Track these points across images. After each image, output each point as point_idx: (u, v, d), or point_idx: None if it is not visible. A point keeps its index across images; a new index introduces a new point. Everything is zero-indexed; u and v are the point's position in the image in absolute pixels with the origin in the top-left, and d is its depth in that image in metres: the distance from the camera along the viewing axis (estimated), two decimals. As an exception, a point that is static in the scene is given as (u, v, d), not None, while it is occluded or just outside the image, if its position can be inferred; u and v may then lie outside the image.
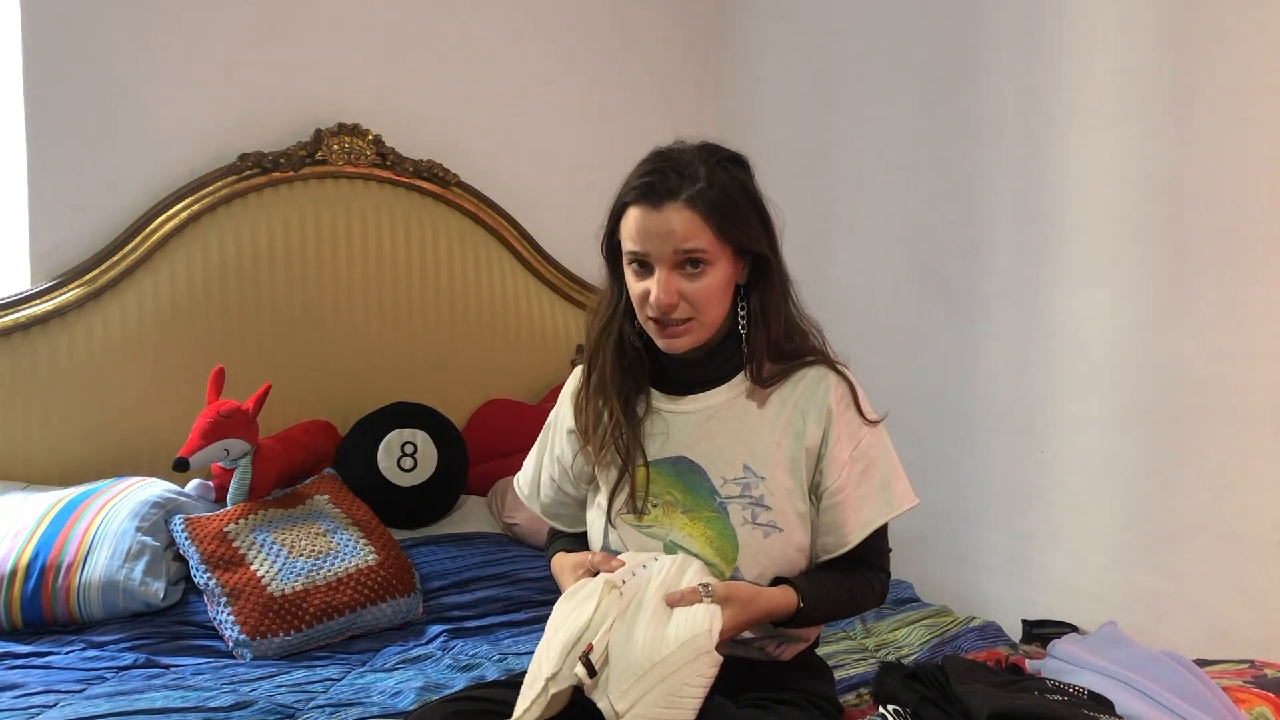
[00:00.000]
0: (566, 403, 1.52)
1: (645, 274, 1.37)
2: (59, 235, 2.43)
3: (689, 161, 1.37)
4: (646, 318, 1.39)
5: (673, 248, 1.34)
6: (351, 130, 2.67)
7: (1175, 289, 2.01)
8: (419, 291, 2.74)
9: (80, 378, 2.38)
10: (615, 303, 1.45)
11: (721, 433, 1.41)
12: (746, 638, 1.40)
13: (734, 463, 1.39)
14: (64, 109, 2.41)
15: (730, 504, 1.38)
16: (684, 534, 1.39)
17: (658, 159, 1.40)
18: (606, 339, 1.44)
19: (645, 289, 1.37)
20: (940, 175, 2.50)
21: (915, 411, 2.56)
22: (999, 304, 2.37)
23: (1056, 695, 1.46)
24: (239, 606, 1.98)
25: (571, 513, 1.55)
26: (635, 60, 3.09)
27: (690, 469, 1.40)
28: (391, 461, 2.43)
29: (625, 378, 1.43)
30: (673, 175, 1.35)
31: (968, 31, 2.41)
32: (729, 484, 1.38)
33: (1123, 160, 2.10)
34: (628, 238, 1.38)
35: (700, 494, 1.39)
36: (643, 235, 1.35)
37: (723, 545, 1.38)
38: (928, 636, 2.05)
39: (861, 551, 1.42)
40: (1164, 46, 2.02)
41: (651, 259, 1.36)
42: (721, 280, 1.37)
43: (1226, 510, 1.95)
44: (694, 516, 1.39)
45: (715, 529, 1.38)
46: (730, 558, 1.37)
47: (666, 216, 1.34)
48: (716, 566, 1.37)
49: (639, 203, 1.36)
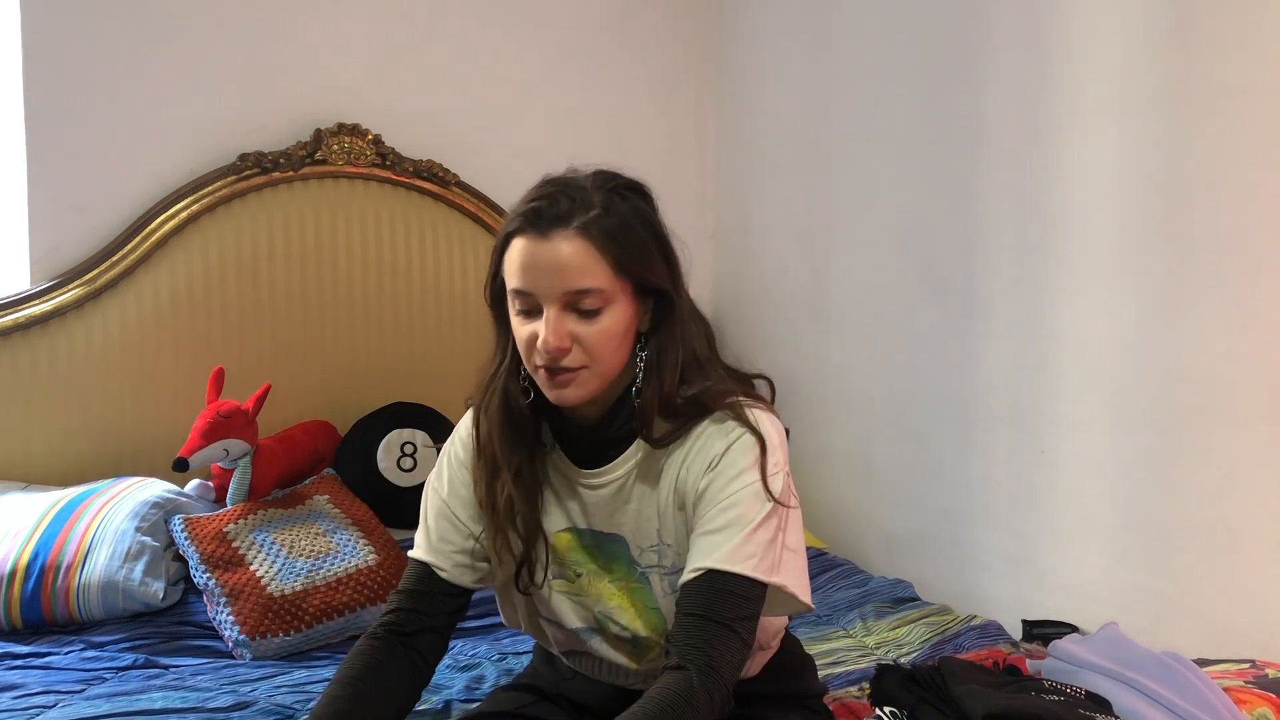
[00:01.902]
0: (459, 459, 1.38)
1: (533, 317, 1.21)
2: (59, 235, 2.43)
3: (582, 187, 1.23)
4: (534, 366, 1.22)
5: (564, 285, 1.18)
6: (351, 130, 2.67)
7: (1175, 289, 2.01)
8: (419, 291, 2.74)
9: (80, 378, 2.38)
10: (500, 359, 1.28)
11: (633, 502, 1.28)
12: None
13: (648, 531, 1.28)
14: (64, 109, 2.41)
15: (650, 573, 1.29)
16: (615, 604, 1.30)
17: (547, 184, 1.24)
18: (490, 400, 1.29)
19: (533, 332, 1.20)
20: (940, 175, 2.49)
21: (915, 411, 2.56)
22: (999, 304, 2.37)
23: (1053, 695, 1.46)
24: (239, 607, 1.98)
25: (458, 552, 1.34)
26: (635, 60, 3.09)
27: (610, 539, 1.30)
28: (391, 461, 2.43)
29: (515, 445, 1.28)
30: (563, 200, 1.20)
31: (968, 31, 2.41)
32: (646, 552, 1.28)
33: (1123, 160, 2.10)
34: (511, 273, 1.21)
35: (622, 562, 1.30)
36: (528, 269, 1.19)
37: (650, 617, 1.30)
38: (928, 635, 2.05)
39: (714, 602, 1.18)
40: (1164, 46, 2.02)
41: (539, 297, 1.19)
42: (620, 323, 1.21)
43: (1226, 510, 1.95)
44: (620, 586, 1.31)
45: (642, 600, 1.30)
46: (660, 629, 1.30)
47: (555, 247, 1.18)
48: (651, 638, 1.31)
49: (524, 231, 1.20)
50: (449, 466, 1.40)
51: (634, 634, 1.31)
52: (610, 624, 1.31)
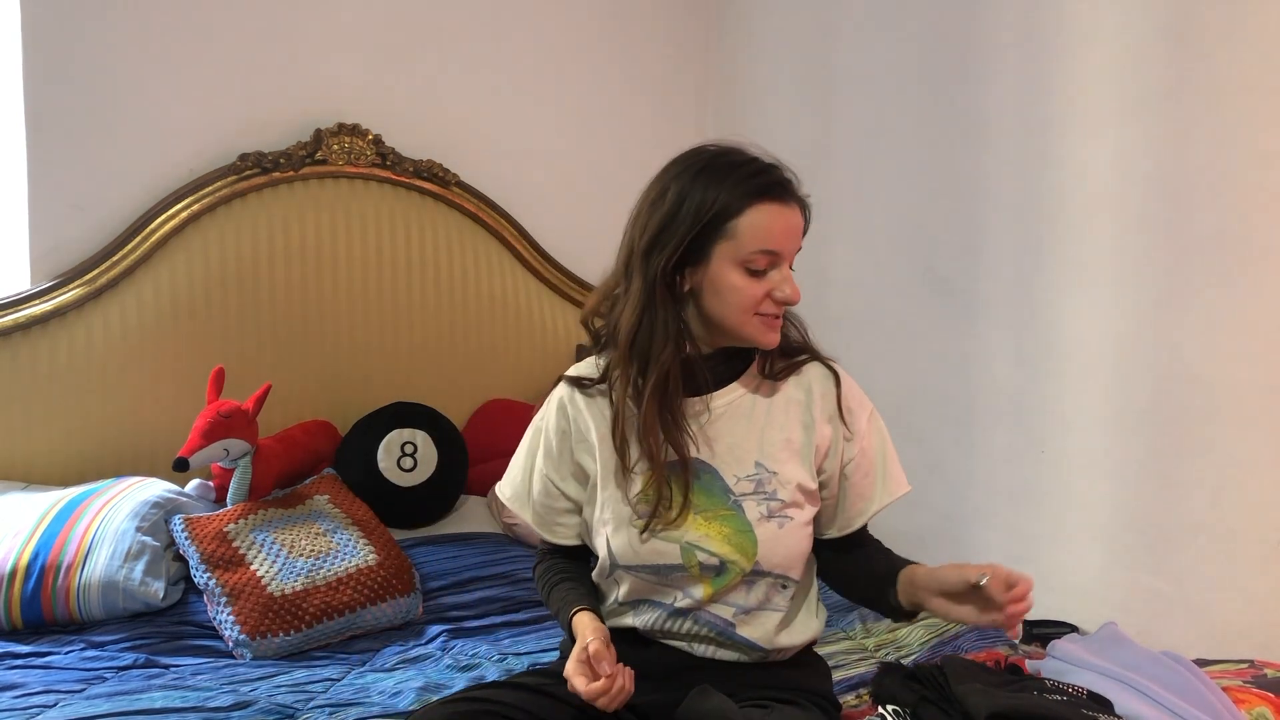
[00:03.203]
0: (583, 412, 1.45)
1: (759, 275, 1.35)
2: (59, 235, 2.43)
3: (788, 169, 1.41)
4: (753, 315, 1.36)
5: (798, 245, 1.38)
6: (351, 130, 2.67)
7: (1175, 289, 2.01)
8: (419, 291, 2.74)
9: (80, 378, 2.38)
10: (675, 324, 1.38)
11: (731, 432, 1.40)
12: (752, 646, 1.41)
13: (745, 461, 1.39)
14: (64, 109, 2.41)
15: (745, 500, 1.38)
16: (700, 534, 1.38)
17: (759, 160, 1.39)
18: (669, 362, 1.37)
19: (766, 288, 1.35)
20: (940, 175, 2.50)
21: (915, 411, 2.56)
22: (999, 304, 2.37)
23: (1056, 695, 1.46)
24: (239, 606, 1.98)
25: (565, 520, 1.49)
26: (635, 59, 3.09)
27: (704, 469, 1.39)
28: (391, 461, 2.43)
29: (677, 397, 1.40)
30: (791, 176, 1.39)
31: (968, 31, 2.41)
32: (742, 481, 1.39)
33: (1122, 160, 2.10)
34: (757, 237, 1.33)
35: (714, 494, 1.39)
36: (782, 232, 1.35)
37: (741, 541, 1.38)
38: (927, 637, 2.04)
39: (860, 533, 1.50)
40: (1164, 46, 2.02)
41: (783, 256, 1.36)
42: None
43: (1226, 510, 1.95)
44: (708, 516, 1.38)
45: (731, 526, 1.38)
46: (750, 553, 1.38)
47: (795, 212, 1.37)
48: (737, 563, 1.37)
49: (773, 199, 1.35)
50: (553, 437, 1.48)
51: (722, 559, 1.37)
52: (698, 552, 1.38)
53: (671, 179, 1.38)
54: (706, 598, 1.39)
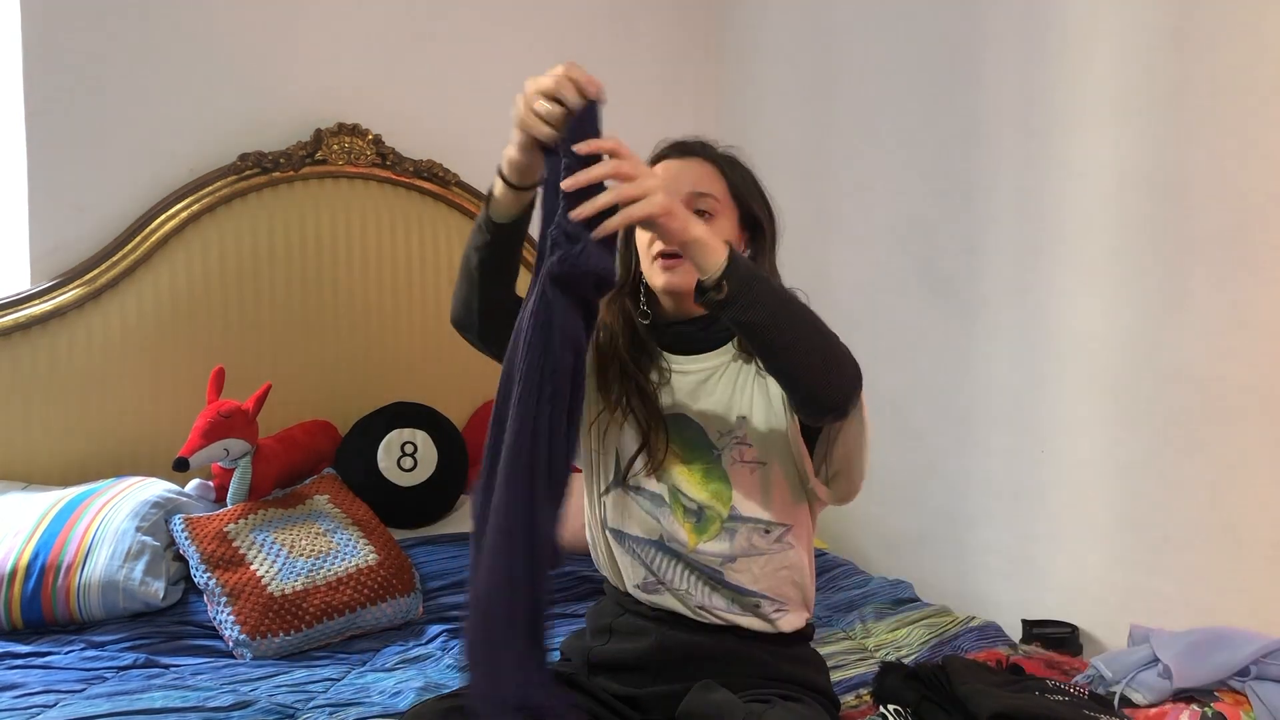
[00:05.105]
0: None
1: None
2: (59, 235, 2.43)
3: (713, 143, 1.53)
4: (653, 256, 1.44)
5: (690, 185, 1.45)
6: (351, 130, 2.67)
7: (1175, 289, 2.02)
8: (419, 291, 2.74)
9: (80, 378, 2.38)
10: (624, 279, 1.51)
11: (716, 394, 1.47)
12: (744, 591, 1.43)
13: (727, 419, 1.46)
14: (64, 109, 2.41)
15: (725, 452, 1.45)
16: (683, 480, 1.45)
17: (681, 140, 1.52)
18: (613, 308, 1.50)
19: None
20: (940, 175, 2.50)
21: (915, 411, 2.57)
22: (999, 304, 2.37)
23: (1058, 695, 1.46)
24: (239, 606, 1.98)
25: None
26: (634, 60, 3.09)
27: (687, 425, 1.46)
28: (391, 461, 2.43)
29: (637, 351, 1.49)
30: (698, 143, 1.51)
31: (968, 31, 2.41)
32: (724, 436, 1.45)
33: (1123, 160, 2.10)
34: None
35: (698, 447, 1.46)
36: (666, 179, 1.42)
37: (718, 488, 1.45)
38: (927, 636, 2.04)
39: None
40: (1164, 46, 2.02)
41: None
42: (723, 232, 1.44)
43: (1226, 510, 1.95)
44: (691, 466, 1.46)
45: (711, 476, 1.45)
46: (726, 499, 1.44)
47: (689, 164, 1.48)
48: (714, 508, 1.44)
49: (668, 155, 1.50)
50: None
51: (700, 504, 1.44)
52: (680, 496, 1.46)
53: None
54: (692, 546, 1.44)
